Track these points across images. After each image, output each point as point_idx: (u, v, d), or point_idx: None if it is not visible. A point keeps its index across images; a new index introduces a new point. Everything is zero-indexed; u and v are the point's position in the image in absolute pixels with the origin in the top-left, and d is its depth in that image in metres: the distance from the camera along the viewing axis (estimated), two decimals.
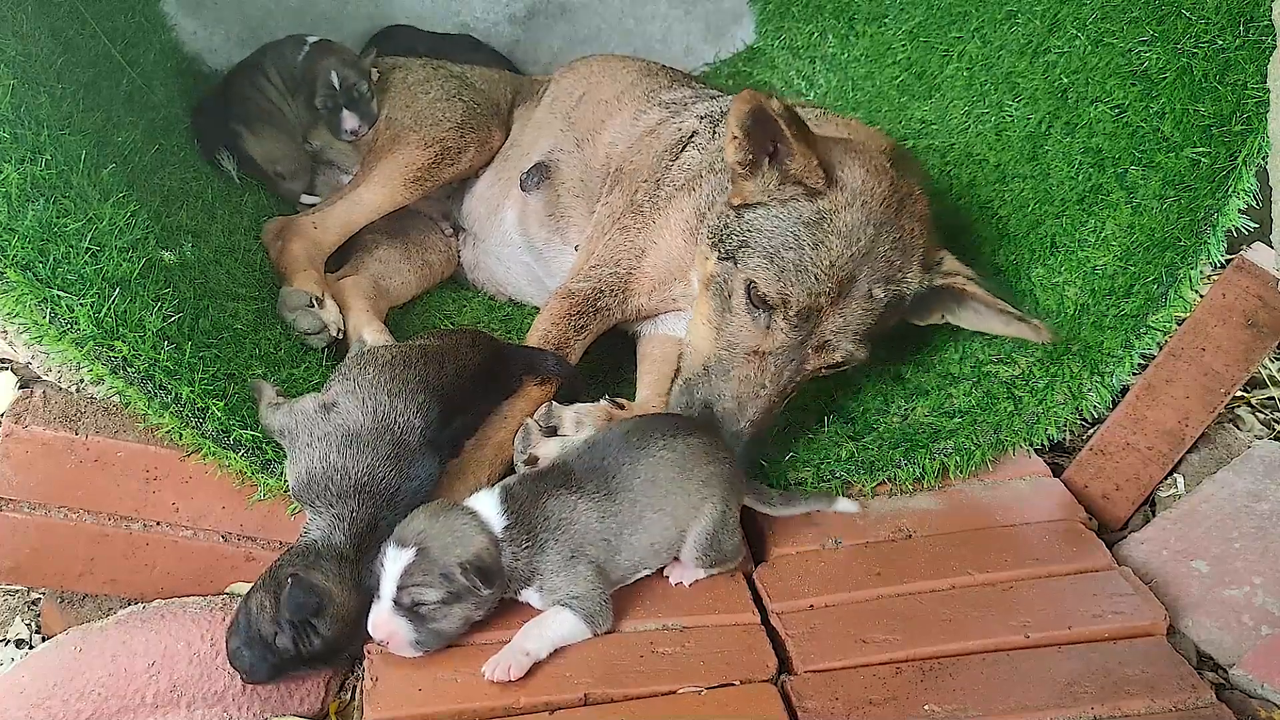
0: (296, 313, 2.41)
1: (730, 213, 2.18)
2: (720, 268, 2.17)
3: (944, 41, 2.88)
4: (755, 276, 2.08)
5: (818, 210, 2.08)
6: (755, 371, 2.10)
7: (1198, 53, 2.15)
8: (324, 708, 1.92)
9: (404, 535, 1.79)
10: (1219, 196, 2.04)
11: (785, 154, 2.11)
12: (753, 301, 2.09)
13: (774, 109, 2.03)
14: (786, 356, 2.10)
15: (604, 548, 1.87)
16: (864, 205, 2.08)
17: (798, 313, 2.06)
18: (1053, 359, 2.26)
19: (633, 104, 2.83)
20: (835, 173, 2.10)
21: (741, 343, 2.12)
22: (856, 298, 2.08)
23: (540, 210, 2.82)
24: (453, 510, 1.83)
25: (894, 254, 2.11)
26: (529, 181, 2.83)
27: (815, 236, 2.06)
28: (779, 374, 2.10)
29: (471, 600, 1.79)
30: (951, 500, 2.23)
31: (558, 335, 2.36)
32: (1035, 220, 2.43)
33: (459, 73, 3.03)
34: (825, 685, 1.83)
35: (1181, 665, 1.88)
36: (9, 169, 1.92)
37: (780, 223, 2.09)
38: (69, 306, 1.87)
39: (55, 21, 2.37)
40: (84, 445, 1.98)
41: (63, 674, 1.86)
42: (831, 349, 2.11)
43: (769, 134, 2.10)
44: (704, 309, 2.20)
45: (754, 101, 2.06)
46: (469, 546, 1.78)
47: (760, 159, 2.13)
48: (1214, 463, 2.34)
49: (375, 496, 1.86)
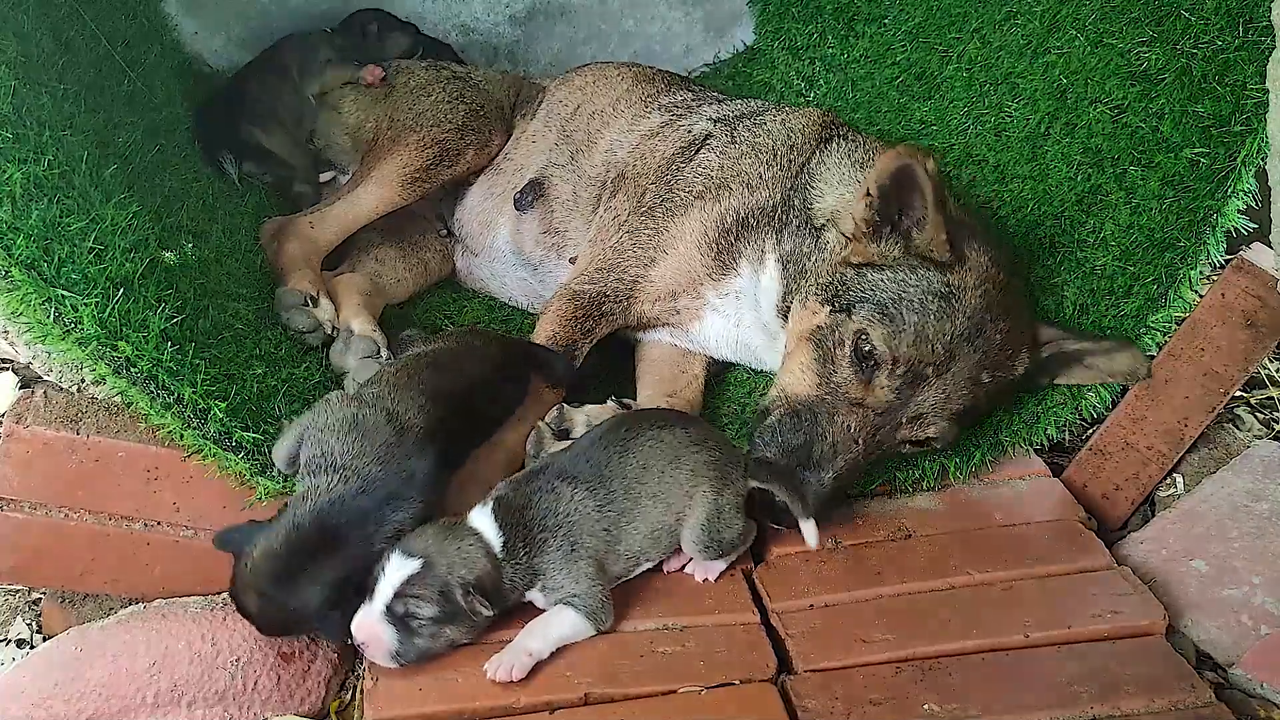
0: (291, 312, 2.41)
1: (849, 270, 2.12)
2: (832, 320, 2.10)
3: (944, 42, 2.88)
4: (869, 329, 2.03)
5: (947, 284, 2.03)
6: (856, 422, 2.03)
7: (1197, 53, 2.15)
8: (324, 707, 1.93)
9: (412, 546, 1.78)
10: (1218, 197, 2.04)
11: (916, 222, 2.07)
12: (859, 354, 2.03)
13: (929, 171, 1.98)
14: (884, 416, 2.03)
15: (604, 538, 1.88)
16: (985, 293, 2.04)
17: (903, 373, 2.01)
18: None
19: (629, 110, 2.81)
20: (963, 250, 2.07)
21: (846, 390, 2.05)
22: (962, 378, 2.04)
23: (535, 229, 2.81)
24: (461, 530, 1.82)
25: (1005, 342, 2.07)
26: (523, 201, 2.81)
27: (941, 308, 2.02)
28: (873, 432, 2.04)
29: (464, 624, 1.80)
30: (951, 500, 2.24)
31: (565, 337, 2.36)
32: (1035, 220, 2.44)
33: (462, 74, 3.03)
34: (825, 685, 1.83)
35: (1181, 665, 1.88)
36: (12, 169, 1.92)
37: (908, 287, 2.04)
38: (73, 306, 1.87)
39: (56, 22, 2.37)
40: (85, 445, 1.98)
41: (63, 674, 1.87)
42: (926, 423, 2.05)
43: (903, 198, 2.06)
44: (803, 357, 2.12)
45: (905, 160, 2.01)
46: (473, 569, 1.78)
47: (885, 223, 2.09)
48: (1213, 463, 2.34)
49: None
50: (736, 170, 2.43)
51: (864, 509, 2.20)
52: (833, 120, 2.56)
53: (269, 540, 1.80)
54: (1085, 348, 2.16)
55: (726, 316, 2.44)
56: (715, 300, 2.43)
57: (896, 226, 2.09)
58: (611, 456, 1.92)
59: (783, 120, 2.54)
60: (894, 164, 2.02)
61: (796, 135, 2.47)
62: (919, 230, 2.06)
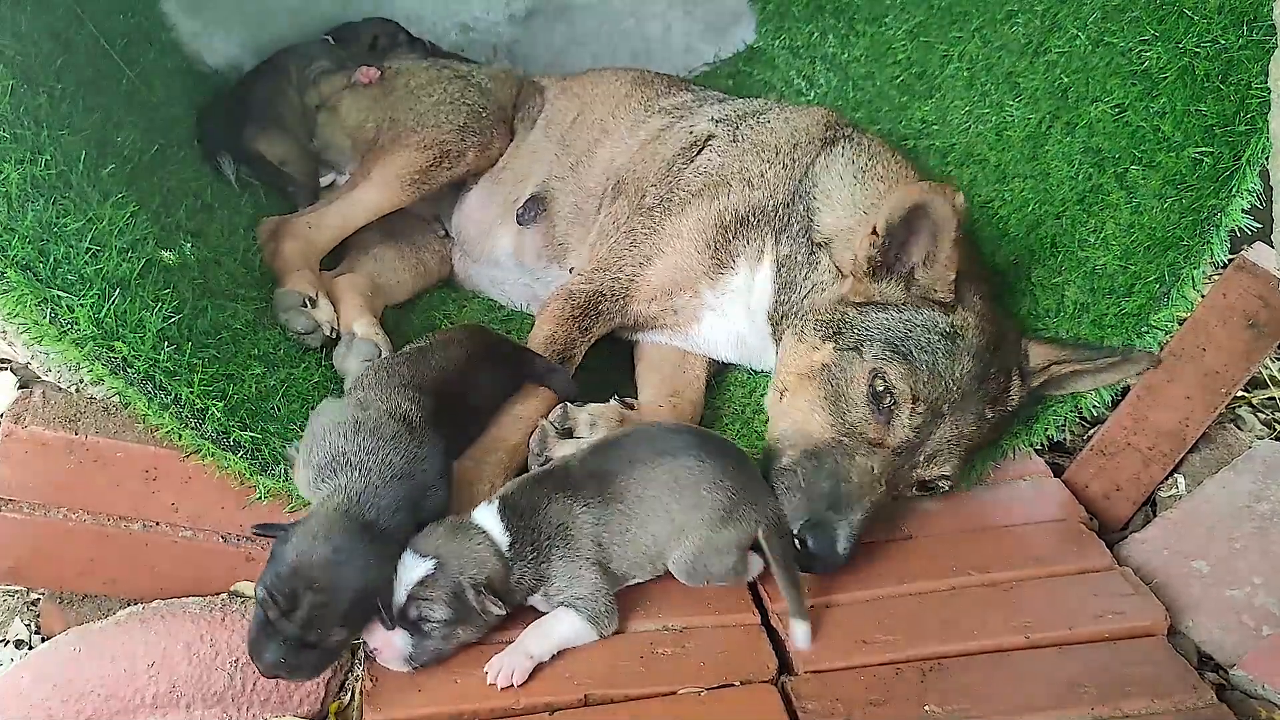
0: (289, 313, 2.40)
1: (849, 310, 2.12)
2: (838, 358, 2.08)
3: (944, 41, 2.88)
4: (886, 370, 2.01)
5: (951, 324, 2.04)
6: (879, 463, 2.00)
7: (1199, 52, 2.15)
8: (324, 708, 1.92)
9: (423, 546, 1.78)
10: (1222, 196, 2.04)
11: (923, 260, 2.06)
12: (874, 393, 2.02)
13: (957, 208, 1.96)
14: (903, 456, 2.02)
15: (600, 552, 1.87)
16: (983, 329, 2.06)
17: (924, 411, 2.00)
18: None
19: (629, 115, 2.80)
20: (962, 291, 2.07)
21: (863, 432, 2.03)
22: (971, 414, 2.04)
23: (538, 242, 2.80)
24: (469, 528, 1.82)
25: (1002, 375, 2.09)
26: (525, 216, 2.80)
27: (949, 348, 2.03)
28: (894, 474, 2.02)
29: (475, 624, 1.79)
30: (952, 500, 2.23)
31: (563, 337, 2.35)
32: (1035, 220, 2.43)
33: (464, 74, 3.02)
34: (826, 686, 1.83)
35: (1182, 665, 1.88)
36: (9, 169, 1.92)
37: (914, 327, 2.05)
38: (69, 307, 1.87)
39: (54, 22, 2.37)
40: (84, 445, 1.98)
41: (62, 674, 1.86)
42: (941, 461, 2.05)
43: (910, 235, 2.05)
44: (810, 395, 2.09)
45: (926, 199, 1.98)
46: (484, 568, 1.77)
47: (888, 264, 2.08)
48: (1215, 463, 2.34)
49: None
50: (738, 168, 2.42)
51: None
52: (838, 120, 2.55)
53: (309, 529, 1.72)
54: (1077, 368, 2.14)
55: (724, 316, 2.43)
56: (712, 300, 2.42)
57: (894, 268, 2.09)
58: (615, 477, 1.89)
59: (787, 119, 2.53)
60: (909, 203, 2.00)
61: (801, 135, 2.46)
62: (925, 269, 2.06)
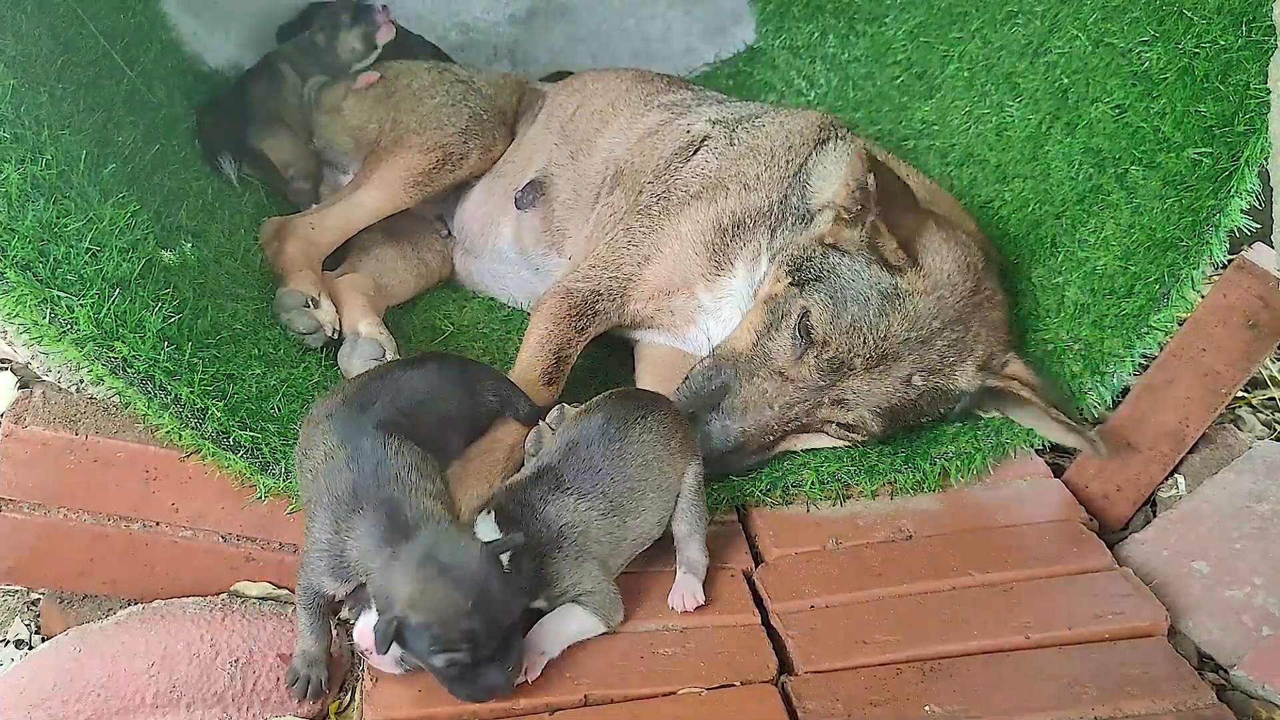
0: (292, 313, 2.40)
1: (818, 248, 2.20)
2: (787, 291, 2.19)
3: (944, 42, 2.88)
4: (812, 309, 2.11)
5: (895, 285, 2.10)
6: (773, 389, 2.13)
7: (1199, 53, 2.15)
8: (324, 708, 1.92)
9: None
10: (1221, 197, 2.04)
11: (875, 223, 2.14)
12: (799, 329, 2.12)
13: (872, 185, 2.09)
14: (804, 392, 2.13)
15: (608, 541, 1.87)
16: (939, 299, 2.11)
17: (830, 359, 2.10)
18: (1053, 359, 2.26)
19: (628, 109, 2.81)
20: (921, 256, 2.13)
21: (775, 358, 2.15)
22: (893, 376, 2.11)
23: (537, 226, 2.80)
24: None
25: (949, 351, 2.13)
26: (524, 199, 2.81)
27: (883, 306, 2.09)
28: (790, 404, 2.14)
29: None
30: (952, 501, 2.23)
31: (560, 335, 2.35)
32: (1035, 220, 2.43)
33: (465, 78, 3.03)
34: (826, 686, 1.83)
35: (1182, 666, 1.87)
36: (9, 169, 1.92)
37: (858, 279, 2.12)
38: (69, 307, 1.87)
39: (55, 21, 2.37)
40: (84, 445, 1.98)
41: (62, 674, 1.86)
42: (846, 408, 2.13)
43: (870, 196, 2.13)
44: (755, 320, 2.22)
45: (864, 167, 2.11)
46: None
47: (862, 219, 2.16)
48: (1215, 463, 2.34)
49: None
50: (734, 172, 2.44)
51: (864, 509, 2.20)
52: (830, 122, 2.56)
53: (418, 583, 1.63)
54: (1036, 403, 2.14)
55: (720, 319, 2.43)
56: (709, 302, 2.43)
57: (864, 221, 2.15)
58: (607, 461, 1.89)
59: (781, 122, 2.55)
60: (859, 167, 2.13)
61: (795, 137, 2.48)
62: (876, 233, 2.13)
